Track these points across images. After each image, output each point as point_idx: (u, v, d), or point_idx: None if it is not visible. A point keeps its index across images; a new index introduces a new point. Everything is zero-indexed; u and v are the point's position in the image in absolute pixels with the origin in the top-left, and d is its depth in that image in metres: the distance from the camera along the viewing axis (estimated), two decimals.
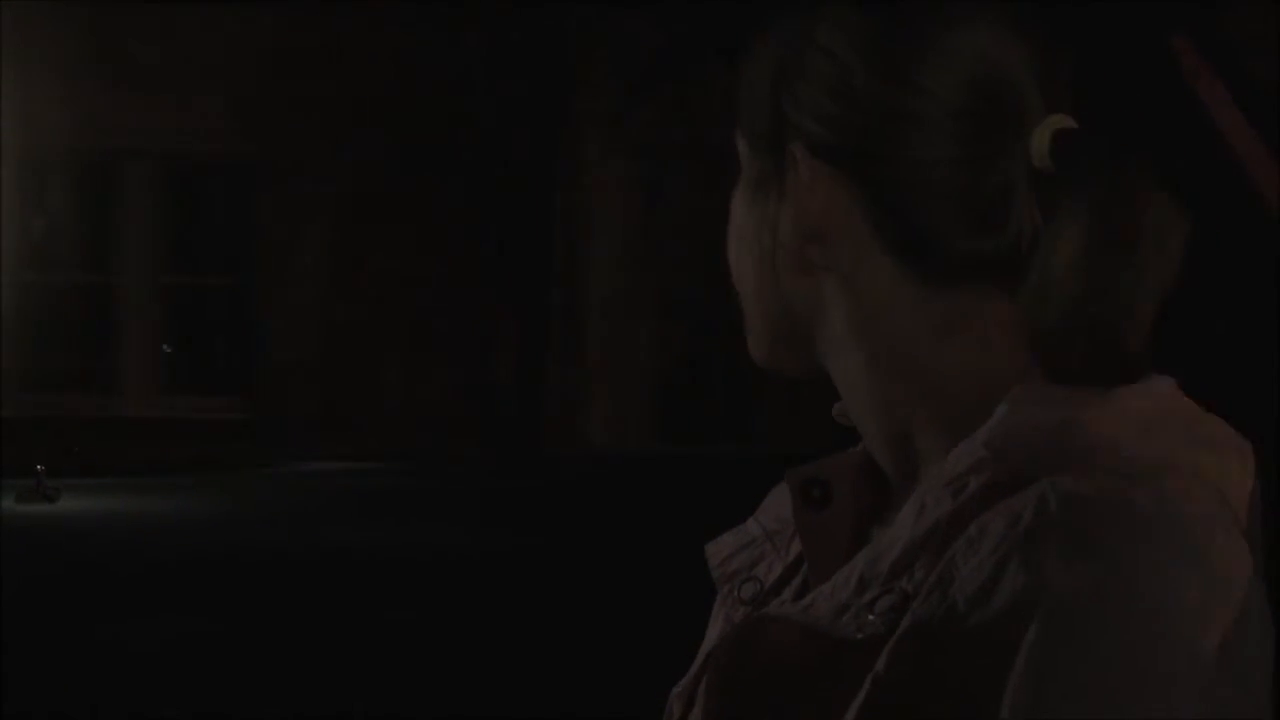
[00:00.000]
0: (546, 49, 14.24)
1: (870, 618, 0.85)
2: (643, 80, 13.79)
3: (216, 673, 6.26)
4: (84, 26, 13.99)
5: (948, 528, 0.84)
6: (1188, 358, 1.03)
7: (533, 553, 9.33)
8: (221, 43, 14.43)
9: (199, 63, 14.40)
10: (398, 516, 11.07)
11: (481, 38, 14.18)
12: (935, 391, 0.93)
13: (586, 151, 15.30)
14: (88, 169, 14.82)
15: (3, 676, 5.62)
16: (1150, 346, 0.90)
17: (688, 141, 12.92)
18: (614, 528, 10.28)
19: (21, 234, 14.43)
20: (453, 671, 6.33)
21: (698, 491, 8.63)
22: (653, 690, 1.18)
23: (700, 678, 0.97)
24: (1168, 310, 0.90)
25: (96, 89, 14.14)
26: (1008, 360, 0.92)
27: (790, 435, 8.04)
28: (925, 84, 0.90)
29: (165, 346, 15.17)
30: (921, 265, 0.92)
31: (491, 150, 14.52)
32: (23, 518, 10.63)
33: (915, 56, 0.91)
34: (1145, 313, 0.89)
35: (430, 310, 15.04)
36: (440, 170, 14.35)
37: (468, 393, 15.06)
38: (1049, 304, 0.88)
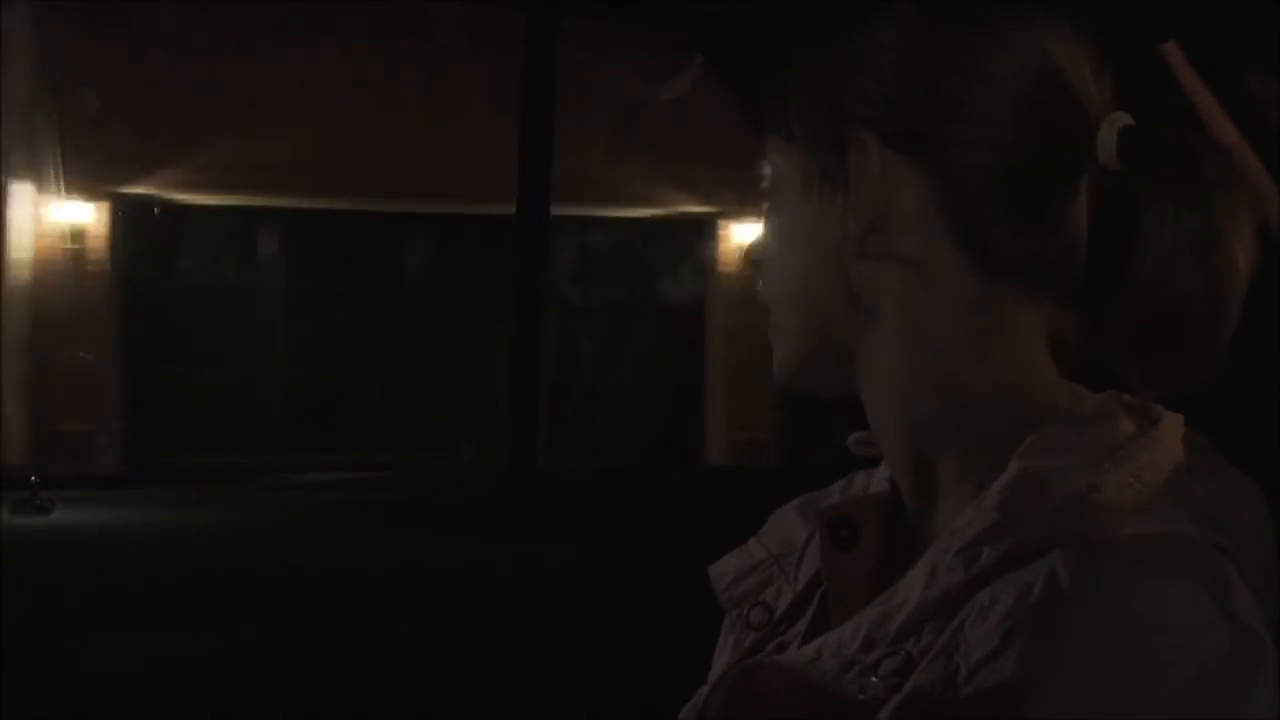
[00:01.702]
0: None
1: (873, 679, 0.84)
2: None
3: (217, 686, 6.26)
4: None
5: (959, 594, 0.84)
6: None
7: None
8: None
9: None
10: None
11: None
12: (965, 410, 0.93)
13: None
14: None
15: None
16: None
17: None
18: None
19: None
20: (451, 686, 6.32)
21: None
22: (657, 704, 1.17)
23: (705, 708, 0.96)
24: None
25: None
26: (1045, 374, 0.93)
27: None
28: (992, 70, 0.92)
29: None
30: (981, 255, 0.92)
31: None
32: (18, 529, 10.56)
33: (981, 46, 0.92)
34: (1236, 308, 0.89)
35: None
36: None
37: None
38: (1138, 307, 0.88)
